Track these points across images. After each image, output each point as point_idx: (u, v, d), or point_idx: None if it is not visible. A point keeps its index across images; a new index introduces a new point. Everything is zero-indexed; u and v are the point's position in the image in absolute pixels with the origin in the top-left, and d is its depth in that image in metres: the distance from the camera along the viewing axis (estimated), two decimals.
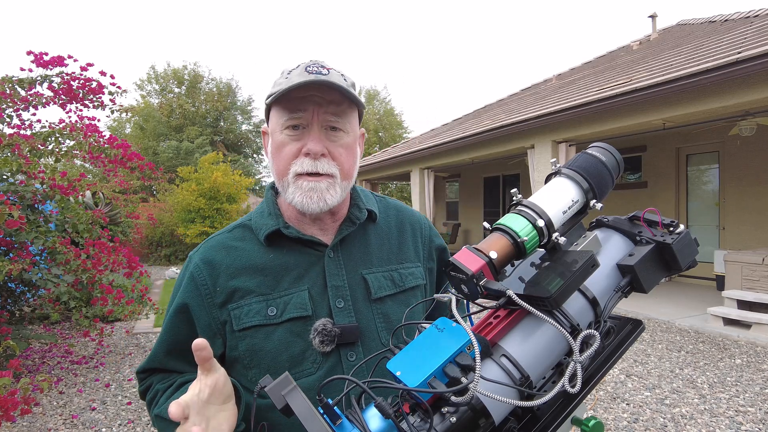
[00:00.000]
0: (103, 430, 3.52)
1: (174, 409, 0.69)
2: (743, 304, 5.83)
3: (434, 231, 1.16)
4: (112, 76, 4.50)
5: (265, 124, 1.01)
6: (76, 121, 4.47)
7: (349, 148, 0.95)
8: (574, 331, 0.65)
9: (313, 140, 0.90)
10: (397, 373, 0.60)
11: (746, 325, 5.64)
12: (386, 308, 0.98)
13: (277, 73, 1.00)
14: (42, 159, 4.26)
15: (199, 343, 0.71)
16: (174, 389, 0.92)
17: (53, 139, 4.22)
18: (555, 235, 0.67)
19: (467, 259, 0.63)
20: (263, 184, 30.54)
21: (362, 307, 0.96)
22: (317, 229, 1.00)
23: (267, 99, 0.94)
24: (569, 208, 0.70)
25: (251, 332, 0.92)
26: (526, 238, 0.65)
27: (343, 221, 1.01)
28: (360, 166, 1.24)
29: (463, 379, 0.57)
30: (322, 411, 0.57)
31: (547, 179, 0.75)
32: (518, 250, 0.65)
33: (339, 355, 0.92)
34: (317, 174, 0.91)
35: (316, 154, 0.90)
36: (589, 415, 0.69)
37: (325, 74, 0.89)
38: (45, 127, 4.30)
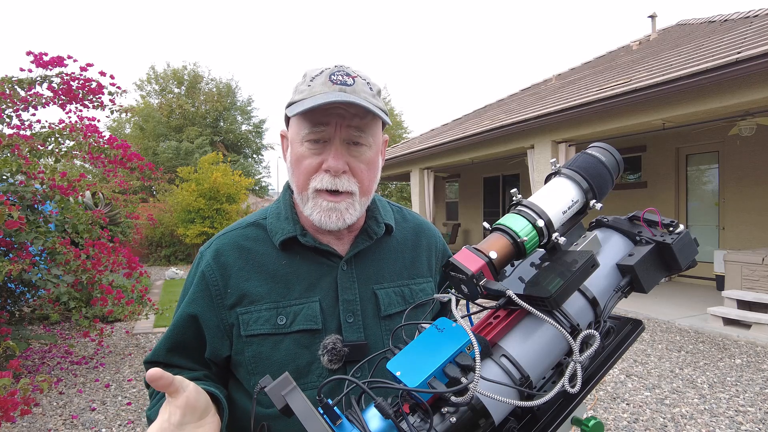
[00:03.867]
0: (103, 430, 3.51)
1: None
2: (743, 304, 5.83)
3: (447, 248, 1.15)
4: (111, 77, 4.49)
5: (284, 128, 0.99)
6: (76, 121, 4.47)
7: (370, 164, 0.92)
8: (574, 331, 0.65)
9: (334, 157, 0.87)
10: (397, 374, 0.60)
11: (746, 325, 5.64)
12: (395, 325, 0.96)
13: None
14: (42, 159, 4.26)
15: (153, 374, 0.67)
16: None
17: (53, 139, 4.22)
18: (555, 235, 0.67)
19: (467, 259, 0.63)
20: (263, 184, 30.54)
21: (371, 323, 0.95)
22: (332, 238, 0.98)
23: (287, 106, 0.91)
24: (569, 208, 0.70)
25: (259, 340, 0.91)
26: (525, 238, 0.65)
27: (360, 234, 0.99)
28: None
29: (463, 379, 0.57)
30: (322, 411, 0.57)
31: (547, 179, 0.75)
32: (518, 250, 0.65)
33: (345, 370, 0.91)
34: (337, 192, 0.89)
35: (337, 171, 0.87)
36: (589, 415, 0.69)
37: (350, 85, 0.87)
38: (45, 127, 4.30)
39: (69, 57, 4.24)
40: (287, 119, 0.95)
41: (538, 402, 0.58)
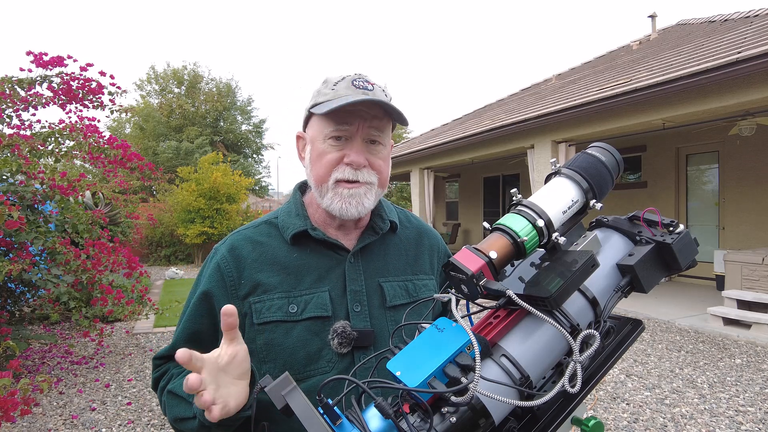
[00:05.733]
0: (103, 430, 3.51)
1: (193, 379, 0.67)
2: (743, 304, 5.83)
3: (449, 251, 1.20)
4: (111, 77, 4.49)
5: (300, 130, 1.06)
6: (76, 121, 4.46)
7: (386, 160, 1.01)
8: (574, 331, 0.65)
9: (356, 152, 0.95)
10: (397, 373, 0.60)
11: (746, 325, 5.64)
12: (399, 316, 1.00)
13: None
14: (42, 159, 4.26)
15: (229, 309, 0.72)
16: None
17: (53, 139, 4.22)
18: (555, 235, 0.67)
19: (467, 259, 0.63)
20: (263, 184, 30.53)
21: (377, 313, 1.00)
22: (340, 233, 1.04)
23: (311, 108, 0.98)
24: (569, 208, 0.70)
25: (271, 327, 0.95)
26: (525, 238, 0.65)
27: (366, 229, 1.06)
28: None
29: (463, 379, 0.57)
30: (322, 411, 0.57)
31: (547, 179, 0.75)
32: (518, 250, 0.65)
33: (353, 356, 0.95)
34: (356, 182, 0.96)
35: (359, 165, 0.95)
36: (589, 415, 0.69)
37: (371, 89, 0.95)
38: (45, 127, 4.29)
39: (69, 57, 4.24)
40: (306, 121, 1.02)
41: (538, 402, 0.58)
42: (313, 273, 0.99)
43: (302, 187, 1.11)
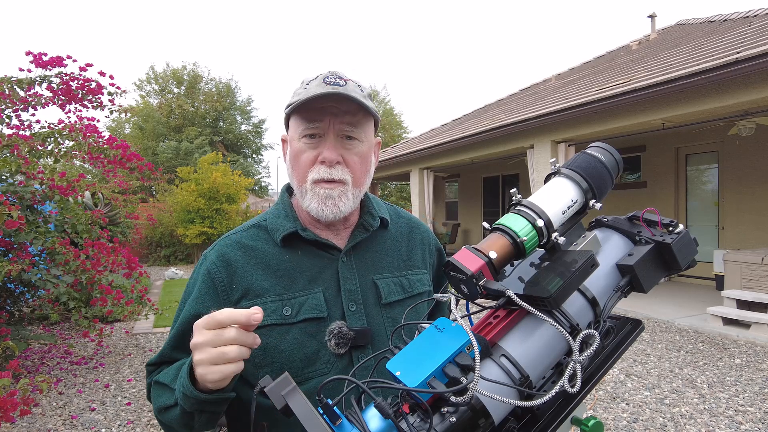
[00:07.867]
0: (103, 430, 3.51)
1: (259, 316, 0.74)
2: (742, 304, 5.84)
3: (439, 243, 1.21)
4: (111, 77, 4.49)
5: (285, 133, 1.05)
6: (76, 121, 4.46)
7: (362, 157, 0.98)
8: (574, 331, 0.65)
9: (328, 149, 0.93)
10: (397, 373, 0.60)
11: (745, 325, 5.65)
12: (395, 313, 1.00)
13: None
14: (41, 159, 4.25)
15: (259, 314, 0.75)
16: (177, 367, 0.90)
17: (52, 139, 4.22)
18: (554, 235, 0.67)
19: (467, 259, 0.63)
20: (263, 184, 30.54)
21: (373, 311, 0.99)
22: (330, 233, 1.03)
23: (286, 108, 0.98)
24: (568, 208, 0.70)
25: (266, 330, 0.92)
26: (525, 238, 0.65)
27: (356, 227, 1.05)
28: None
29: (463, 379, 0.57)
30: (321, 411, 0.57)
31: (547, 179, 0.74)
32: (518, 250, 0.65)
33: (351, 356, 0.94)
34: (332, 180, 0.94)
35: (332, 162, 0.94)
36: (589, 414, 0.69)
37: (342, 86, 0.93)
38: (44, 127, 4.29)
39: (68, 57, 4.24)
40: (287, 122, 1.02)
41: (538, 402, 0.58)
42: (306, 274, 0.97)
43: (290, 189, 1.09)
